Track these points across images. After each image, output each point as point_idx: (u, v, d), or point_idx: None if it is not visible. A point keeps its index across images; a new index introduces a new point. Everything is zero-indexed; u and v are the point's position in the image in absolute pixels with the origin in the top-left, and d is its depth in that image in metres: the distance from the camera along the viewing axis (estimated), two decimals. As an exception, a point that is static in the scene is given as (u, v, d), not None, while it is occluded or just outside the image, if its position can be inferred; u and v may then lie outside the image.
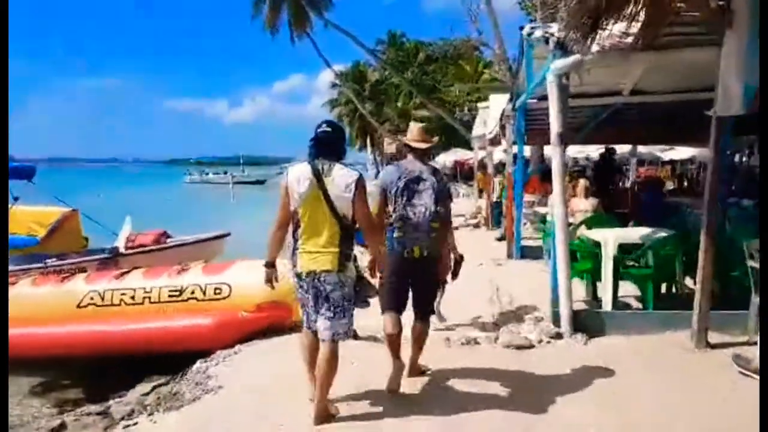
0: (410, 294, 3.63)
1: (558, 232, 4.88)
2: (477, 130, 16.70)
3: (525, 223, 10.12)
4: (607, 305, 5.22)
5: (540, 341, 4.76)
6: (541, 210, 10.33)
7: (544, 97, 8.40)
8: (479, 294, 6.88)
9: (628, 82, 7.21)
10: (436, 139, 3.92)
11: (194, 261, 5.99)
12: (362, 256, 3.44)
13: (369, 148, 55.95)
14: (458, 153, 28.84)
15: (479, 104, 12.58)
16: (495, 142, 12.25)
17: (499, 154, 14.48)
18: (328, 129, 3.17)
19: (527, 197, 11.48)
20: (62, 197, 9.81)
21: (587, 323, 4.91)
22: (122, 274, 5.09)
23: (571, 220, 7.56)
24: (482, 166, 22.12)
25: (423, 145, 3.69)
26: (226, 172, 50.62)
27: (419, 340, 3.76)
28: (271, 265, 3.27)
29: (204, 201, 33.36)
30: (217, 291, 4.74)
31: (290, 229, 3.17)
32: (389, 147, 44.65)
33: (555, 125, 4.84)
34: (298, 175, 3.04)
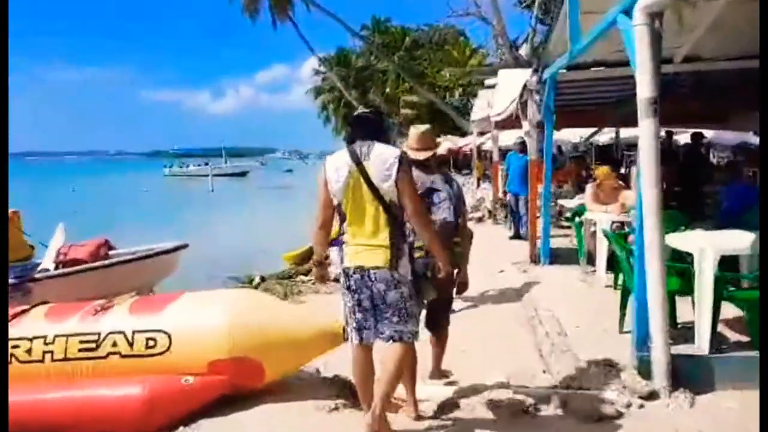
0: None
1: (650, 239, 3.35)
2: (477, 113, 15.14)
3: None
4: (703, 343, 3.73)
5: (628, 405, 3.26)
6: (567, 204, 8.83)
7: (579, 66, 6.98)
8: (511, 315, 5.38)
9: (685, 43, 5.75)
10: (439, 141, 3.66)
11: (135, 283, 4.38)
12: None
13: (355, 137, 54.27)
14: (451, 140, 27.21)
15: (486, 82, 11.04)
16: (506, 124, 10.73)
17: (507, 138, 12.94)
18: (366, 110, 3.02)
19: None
20: (36, 192, 8.18)
21: (684, 372, 3.43)
22: (17, 314, 3.48)
23: (611, 217, 6.14)
24: (481, 153, 20.62)
25: (422, 155, 3.29)
26: (207, 164, 48.67)
27: (441, 344, 3.70)
28: (320, 264, 3.05)
29: (180, 194, 31.44)
30: (151, 343, 3.14)
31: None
32: (376, 135, 42.93)
33: (646, 89, 3.34)
34: (336, 163, 2.75)
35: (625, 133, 16.65)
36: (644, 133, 3.37)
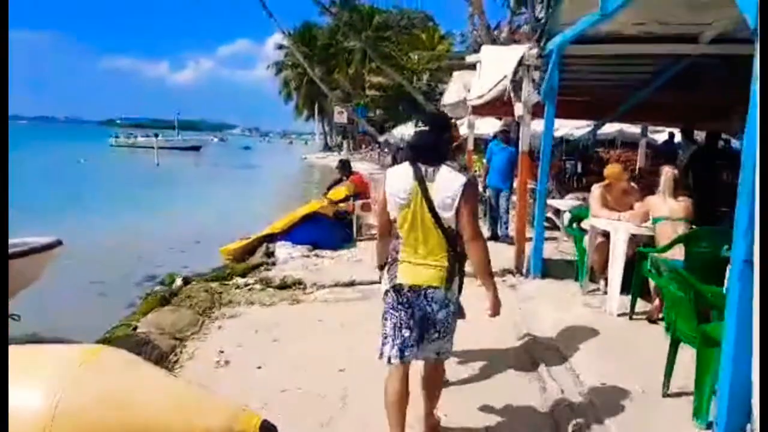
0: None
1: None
2: (450, 96, 13.81)
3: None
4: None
5: None
6: (556, 204, 7.62)
7: (589, 40, 5.70)
8: (505, 354, 4.09)
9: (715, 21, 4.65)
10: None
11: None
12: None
13: (317, 117, 52.23)
14: (419, 126, 25.78)
15: (468, 59, 9.69)
16: (485, 110, 9.48)
17: (485, 127, 11.65)
18: (425, 129, 2.73)
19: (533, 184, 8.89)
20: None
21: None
22: None
23: (628, 228, 4.95)
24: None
25: None
26: (157, 135, 45.69)
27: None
28: (382, 267, 2.83)
29: (120, 168, 28.85)
30: None
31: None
32: (339, 116, 41.26)
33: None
34: (398, 178, 2.67)
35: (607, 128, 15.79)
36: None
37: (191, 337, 4.55)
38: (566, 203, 7.20)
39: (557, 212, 8.40)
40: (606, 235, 5.31)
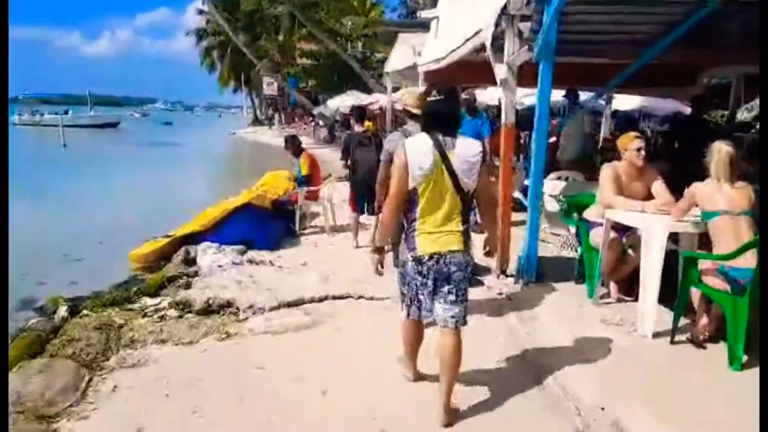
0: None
1: None
2: (396, 62, 12.46)
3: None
4: None
5: None
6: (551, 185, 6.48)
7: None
8: (520, 398, 2.94)
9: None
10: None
11: None
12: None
13: (244, 89, 49.13)
14: (356, 96, 24.08)
15: (422, 14, 8.30)
16: (440, 76, 8.20)
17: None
18: (440, 98, 3.07)
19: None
20: None
21: None
22: None
23: (666, 224, 3.86)
24: (395, 114, 18.04)
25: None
26: (66, 112, 41.27)
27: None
28: (381, 250, 2.94)
29: (17, 151, 24.77)
30: None
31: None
32: (269, 87, 38.74)
33: None
34: (418, 148, 2.69)
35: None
36: None
37: (66, 413, 3.07)
38: (553, 185, 6.09)
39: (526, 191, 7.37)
40: (620, 228, 4.23)
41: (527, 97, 15.69)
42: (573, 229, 5.09)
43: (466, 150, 2.68)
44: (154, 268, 6.27)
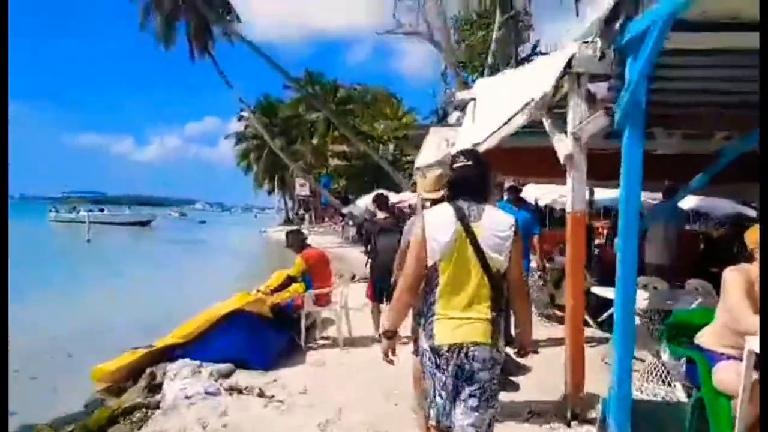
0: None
1: None
2: (427, 155, 11.60)
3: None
4: None
5: None
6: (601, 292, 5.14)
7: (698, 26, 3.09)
8: None
9: None
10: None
11: None
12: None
13: (277, 190, 49.75)
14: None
15: (460, 95, 7.49)
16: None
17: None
18: (468, 163, 2.49)
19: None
20: None
21: None
22: None
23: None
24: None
25: (437, 195, 3.15)
26: (102, 210, 42.15)
27: None
28: (392, 335, 2.50)
29: (40, 245, 23.65)
30: None
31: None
32: (302, 189, 38.94)
33: None
34: (438, 220, 2.38)
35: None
36: None
37: None
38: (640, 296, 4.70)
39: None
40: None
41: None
42: (683, 362, 3.60)
43: (494, 222, 2.36)
44: (119, 389, 5.01)
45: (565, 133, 3.88)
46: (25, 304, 9.43)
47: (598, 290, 5.32)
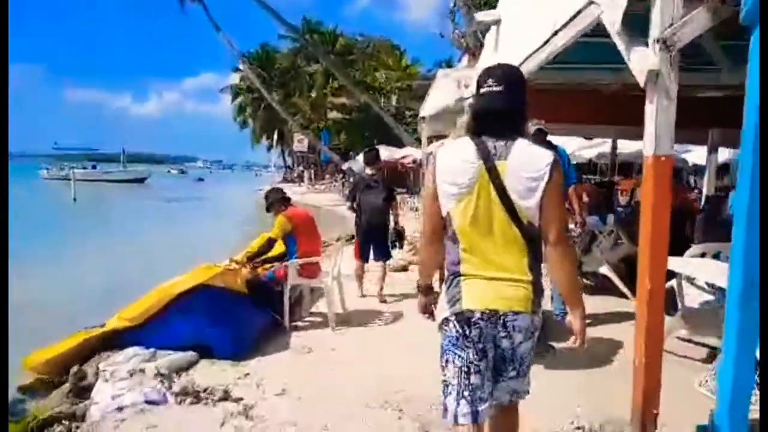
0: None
1: None
2: (435, 101, 10.34)
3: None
4: None
5: None
6: (680, 266, 3.99)
7: None
8: None
9: None
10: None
11: None
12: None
13: (275, 146, 48.31)
14: (387, 150, 22.11)
15: (478, 18, 6.23)
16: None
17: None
18: (498, 88, 1.91)
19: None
20: None
21: None
22: None
23: None
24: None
25: None
26: (95, 167, 41.00)
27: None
28: (428, 290, 2.18)
29: (24, 205, 22.03)
30: None
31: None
32: (299, 144, 37.57)
33: None
34: (454, 159, 1.92)
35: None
36: None
37: None
38: (695, 265, 3.60)
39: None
40: None
41: (588, 149, 13.17)
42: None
43: (525, 161, 1.86)
44: (55, 380, 4.02)
45: (645, 43, 2.68)
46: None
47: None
